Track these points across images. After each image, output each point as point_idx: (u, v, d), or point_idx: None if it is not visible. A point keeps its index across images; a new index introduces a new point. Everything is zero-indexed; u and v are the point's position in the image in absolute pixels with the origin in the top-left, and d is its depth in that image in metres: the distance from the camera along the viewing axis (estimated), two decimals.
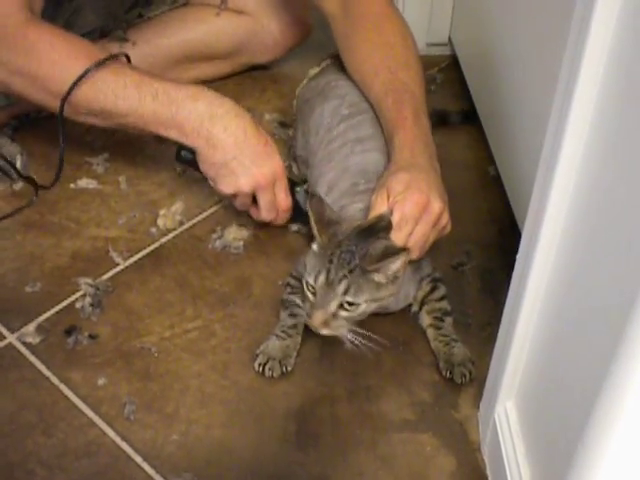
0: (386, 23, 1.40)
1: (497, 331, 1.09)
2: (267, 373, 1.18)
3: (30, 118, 1.61)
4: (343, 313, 1.12)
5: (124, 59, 1.39)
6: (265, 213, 1.37)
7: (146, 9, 1.68)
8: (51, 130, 1.42)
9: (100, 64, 1.32)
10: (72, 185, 1.48)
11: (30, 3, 1.36)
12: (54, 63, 1.33)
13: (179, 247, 1.39)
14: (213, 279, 1.33)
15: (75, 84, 1.31)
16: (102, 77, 1.33)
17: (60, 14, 1.61)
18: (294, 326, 1.21)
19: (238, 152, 1.32)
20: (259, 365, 1.19)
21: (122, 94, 1.33)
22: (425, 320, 1.25)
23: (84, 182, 1.49)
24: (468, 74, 1.72)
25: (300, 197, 1.39)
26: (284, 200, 1.37)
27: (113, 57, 1.35)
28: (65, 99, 1.32)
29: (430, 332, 1.24)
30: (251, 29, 1.70)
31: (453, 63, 1.82)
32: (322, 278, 1.11)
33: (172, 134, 1.34)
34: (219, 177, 1.34)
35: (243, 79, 1.75)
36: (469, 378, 1.19)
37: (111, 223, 1.41)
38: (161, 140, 1.55)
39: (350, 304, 1.11)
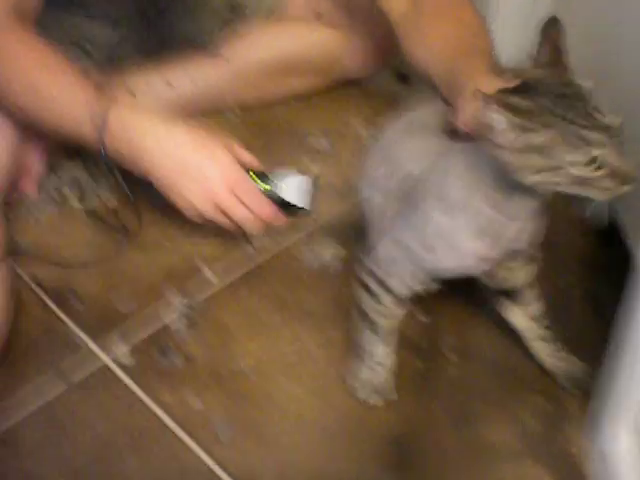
0: (457, 8, 1.29)
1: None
2: (371, 403, 1.13)
3: None
4: None
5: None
6: (246, 225, 1.26)
7: (238, 24, 1.65)
8: None
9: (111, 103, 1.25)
10: None
11: (19, 10, 1.29)
12: (11, 70, 1.27)
13: (275, 266, 1.35)
14: (311, 299, 1.29)
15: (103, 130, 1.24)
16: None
17: (152, 31, 1.61)
18: (387, 355, 1.14)
19: (171, 173, 1.24)
20: (363, 400, 1.14)
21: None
22: (530, 330, 1.15)
23: None
24: None
25: (283, 187, 1.27)
26: (254, 201, 1.25)
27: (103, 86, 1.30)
28: (104, 146, 1.25)
29: (539, 346, 1.15)
30: (345, 44, 1.65)
31: None
32: (598, 139, 0.85)
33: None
34: (176, 204, 1.26)
35: (338, 95, 1.70)
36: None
37: (206, 241, 1.38)
38: (257, 157, 1.54)
39: None
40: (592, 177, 0.86)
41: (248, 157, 1.30)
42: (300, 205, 1.27)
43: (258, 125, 1.63)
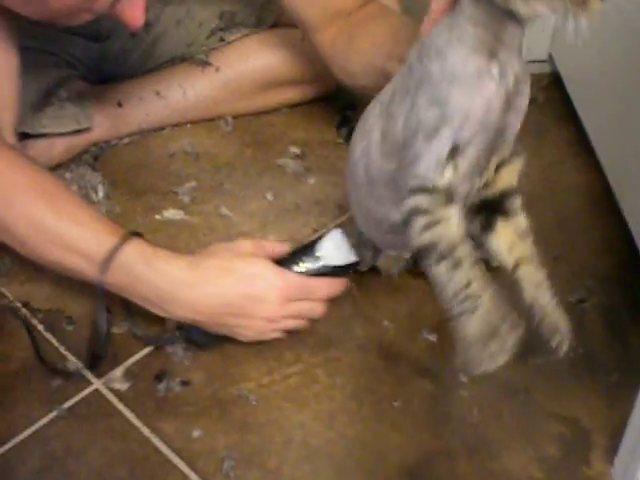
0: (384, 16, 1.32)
1: (627, 376, 0.99)
2: (499, 362, 0.92)
3: (111, 145, 1.54)
4: None
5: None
6: (312, 316, 1.18)
7: (228, 33, 1.60)
8: (135, 156, 1.36)
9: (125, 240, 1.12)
10: (157, 216, 1.40)
11: None
12: (6, 200, 1.13)
13: None
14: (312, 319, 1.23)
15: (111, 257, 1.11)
16: None
17: (136, 45, 1.56)
18: (469, 283, 0.91)
19: (218, 315, 1.14)
20: (488, 368, 0.92)
21: None
22: (518, 249, 1.00)
23: (170, 213, 1.41)
24: (574, 92, 1.60)
25: (323, 255, 1.16)
26: (309, 292, 1.15)
27: (133, 235, 1.14)
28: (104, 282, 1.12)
29: (527, 275, 1.00)
30: None
31: (555, 81, 1.70)
32: None
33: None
34: (233, 337, 1.17)
35: (331, 101, 1.65)
36: None
37: None
38: (249, 166, 1.49)
39: None
40: None
41: (277, 247, 1.19)
42: (348, 262, 1.18)
43: (250, 134, 1.58)
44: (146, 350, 1.19)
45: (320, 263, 1.16)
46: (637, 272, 1.27)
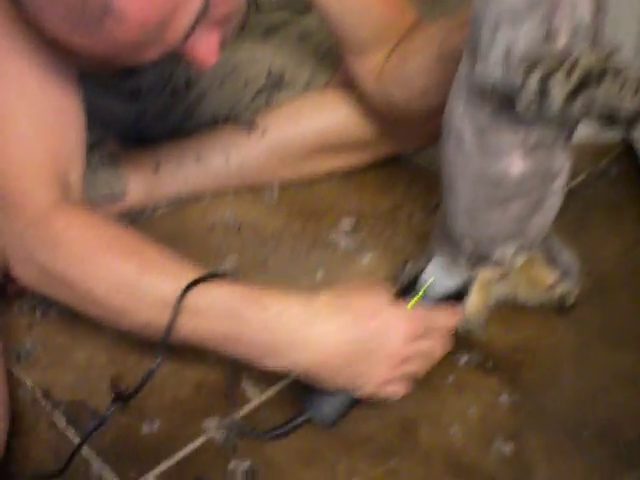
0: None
1: None
2: None
3: (144, 216, 1.44)
4: None
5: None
6: (439, 352, 1.07)
7: (275, 94, 1.48)
8: (171, 228, 1.30)
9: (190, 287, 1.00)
10: None
11: (63, 178, 1.09)
12: (84, 261, 1.04)
13: None
14: (371, 421, 1.08)
15: (172, 323, 1.00)
16: None
17: (177, 103, 1.46)
18: None
19: (337, 357, 1.01)
20: None
21: None
22: None
23: None
24: None
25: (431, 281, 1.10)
26: (434, 321, 1.05)
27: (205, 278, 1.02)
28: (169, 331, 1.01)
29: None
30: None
31: (627, 151, 1.56)
32: None
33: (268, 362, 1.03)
34: (343, 387, 1.04)
35: (385, 170, 1.52)
36: None
37: None
38: (296, 240, 1.40)
39: None
40: None
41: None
42: (456, 287, 1.10)
43: (298, 204, 1.47)
44: (181, 453, 1.05)
45: (432, 288, 1.09)
46: None
